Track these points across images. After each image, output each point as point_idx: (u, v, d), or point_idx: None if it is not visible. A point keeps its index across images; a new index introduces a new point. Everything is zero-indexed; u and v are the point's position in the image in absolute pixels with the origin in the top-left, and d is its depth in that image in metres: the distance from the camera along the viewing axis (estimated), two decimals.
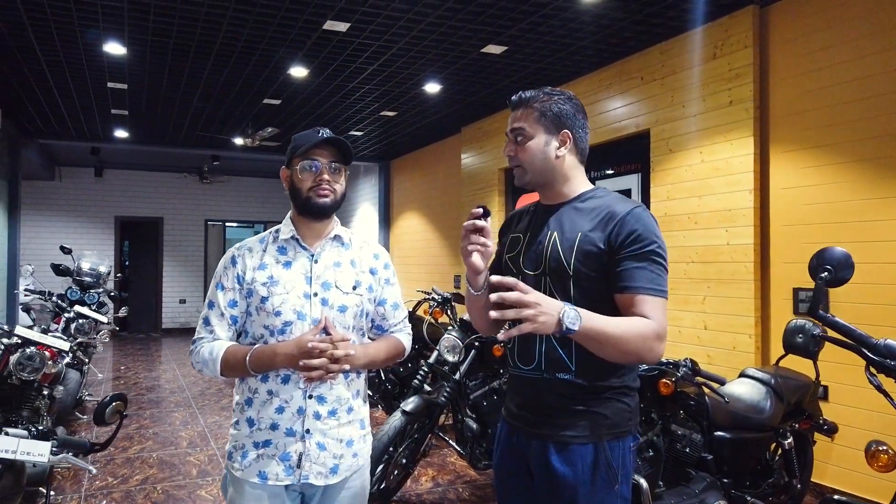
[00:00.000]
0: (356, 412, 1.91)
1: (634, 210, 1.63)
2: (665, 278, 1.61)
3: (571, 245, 1.65)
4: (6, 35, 4.96)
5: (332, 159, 1.86)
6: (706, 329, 4.62)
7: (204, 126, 8.22)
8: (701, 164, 4.68)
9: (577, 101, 1.76)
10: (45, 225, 11.90)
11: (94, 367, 8.37)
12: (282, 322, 1.81)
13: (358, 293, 1.91)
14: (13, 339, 3.65)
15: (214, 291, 1.89)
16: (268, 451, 1.81)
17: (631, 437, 1.68)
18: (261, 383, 1.83)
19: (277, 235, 1.93)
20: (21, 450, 1.54)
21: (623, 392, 1.67)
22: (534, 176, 1.74)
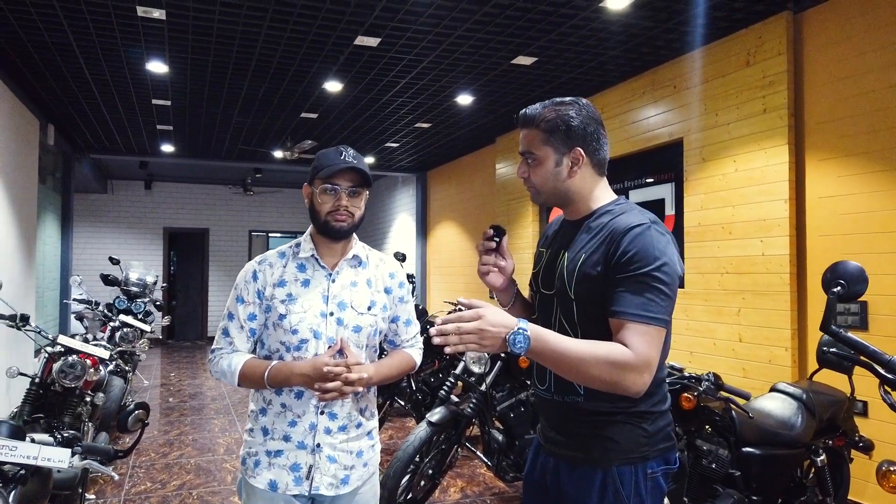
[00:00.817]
0: (365, 426, 1.97)
1: (634, 229, 1.51)
2: (662, 303, 1.48)
3: (574, 268, 1.61)
4: (56, 55, 5.20)
5: (351, 184, 1.89)
6: (741, 342, 4.51)
7: (245, 140, 8.44)
8: (735, 173, 4.60)
9: (589, 110, 1.64)
10: (97, 236, 12.36)
11: (140, 375, 8.66)
12: (298, 339, 1.87)
13: (372, 313, 1.95)
14: (56, 347, 3.81)
15: (234, 304, 1.94)
16: (279, 461, 1.86)
17: (651, 463, 1.58)
18: (275, 395, 1.89)
19: (297, 251, 1.97)
20: (42, 456, 1.61)
21: (639, 416, 1.57)
22: (548, 197, 1.69)
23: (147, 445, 5.51)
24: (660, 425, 1.61)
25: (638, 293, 1.47)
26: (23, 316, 3.79)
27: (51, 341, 3.85)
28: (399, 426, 6.00)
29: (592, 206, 1.68)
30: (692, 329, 4.94)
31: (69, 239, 8.97)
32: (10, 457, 1.59)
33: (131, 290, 7.59)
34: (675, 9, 4.23)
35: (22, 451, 1.60)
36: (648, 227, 1.53)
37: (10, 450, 1.59)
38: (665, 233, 1.56)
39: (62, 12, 4.32)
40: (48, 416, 3.73)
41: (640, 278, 1.48)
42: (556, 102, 1.65)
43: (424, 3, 4.17)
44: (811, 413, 3.09)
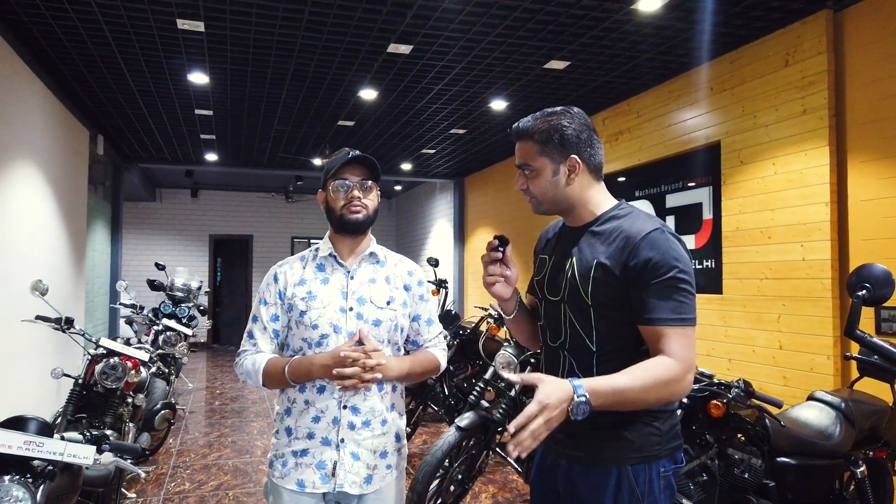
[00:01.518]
0: (390, 424, 1.97)
1: (650, 234, 1.56)
2: (690, 303, 1.54)
3: (587, 274, 1.62)
4: (103, 68, 5.40)
5: (361, 177, 1.94)
6: (781, 349, 4.39)
7: (285, 148, 8.60)
8: (774, 175, 4.48)
9: (581, 118, 1.67)
10: (146, 243, 12.75)
11: (185, 378, 8.88)
12: (319, 335, 1.90)
13: (392, 308, 1.97)
14: (99, 349, 3.95)
15: (258, 306, 2.00)
16: (305, 460, 1.88)
17: (663, 462, 1.61)
18: (298, 393, 1.92)
19: (317, 253, 2.02)
20: (68, 452, 1.68)
21: (652, 416, 1.60)
22: (549, 206, 1.72)
23: (188, 447, 5.65)
24: (671, 423, 1.64)
25: (667, 297, 1.52)
26: (67, 319, 3.95)
27: (93, 343, 3.99)
28: (433, 431, 6.01)
29: (595, 211, 1.70)
30: (731, 336, 4.83)
31: (118, 246, 9.28)
32: (38, 452, 1.66)
33: (176, 295, 7.81)
34: (710, 9, 4.16)
35: (49, 447, 1.67)
36: (662, 231, 1.58)
37: (38, 446, 1.66)
38: (674, 234, 1.62)
39: (107, 27, 4.49)
40: (90, 416, 3.86)
41: (665, 283, 1.53)
42: (547, 113, 1.68)
43: (454, 10, 4.20)
44: (850, 422, 2.98)
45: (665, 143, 5.58)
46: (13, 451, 1.64)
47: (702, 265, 5.22)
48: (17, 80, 4.74)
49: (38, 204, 5.29)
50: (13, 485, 1.65)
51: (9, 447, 1.63)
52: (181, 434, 6.09)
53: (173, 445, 5.65)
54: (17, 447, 1.64)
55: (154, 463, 5.09)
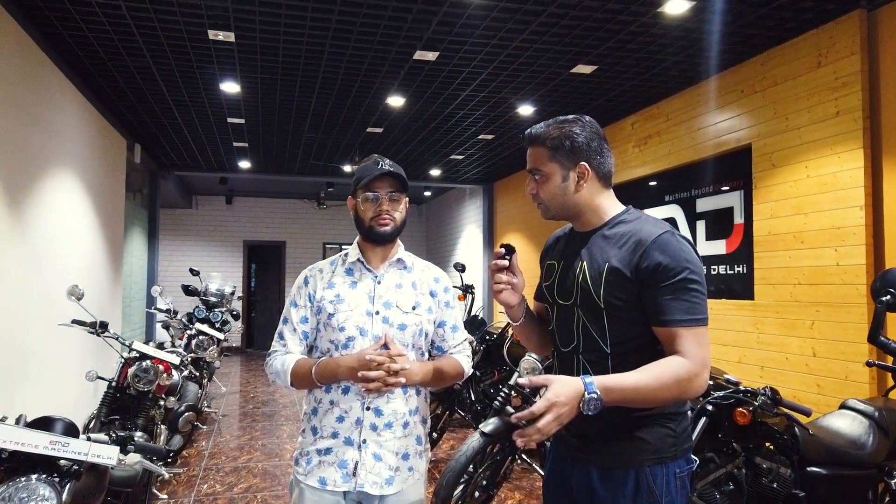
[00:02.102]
0: (412, 427, 2.00)
1: (661, 237, 1.59)
2: (701, 303, 1.57)
3: (599, 276, 1.64)
4: (138, 79, 5.55)
5: (390, 190, 1.99)
6: (815, 356, 4.29)
7: (316, 155, 8.71)
8: (807, 179, 4.39)
9: (592, 127, 1.71)
10: (182, 249, 13.02)
11: (218, 382, 9.03)
12: (345, 337, 1.96)
13: (417, 313, 2.01)
14: (131, 353, 4.05)
15: (288, 309, 2.07)
16: (328, 459, 1.93)
17: (678, 462, 1.63)
18: (325, 394, 1.97)
19: (346, 258, 2.09)
20: (92, 452, 1.72)
21: (667, 417, 1.63)
22: (557, 211, 1.75)
23: (220, 449, 5.74)
24: (684, 426, 1.67)
25: (679, 299, 1.55)
26: (102, 323, 4.05)
27: (126, 347, 4.09)
28: (461, 436, 6.00)
29: (603, 216, 1.73)
30: (763, 343, 4.73)
31: (155, 252, 9.49)
32: (63, 452, 1.71)
33: (210, 300, 7.96)
34: (739, 11, 4.10)
35: (73, 447, 1.72)
36: (672, 233, 1.62)
37: (63, 445, 1.71)
38: (683, 237, 1.65)
39: (141, 39, 4.62)
40: (123, 418, 3.96)
41: (677, 285, 1.56)
42: (560, 120, 1.72)
43: (479, 16, 4.21)
44: (884, 432, 2.90)
45: (695, 146, 5.50)
46: (39, 451, 1.69)
47: (733, 270, 5.13)
48: (56, 91, 4.90)
49: (77, 211, 5.45)
50: (40, 483, 1.70)
51: (35, 447, 1.68)
52: (213, 437, 6.19)
53: (205, 448, 5.75)
54: (42, 447, 1.69)
55: (186, 465, 5.18)
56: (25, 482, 1.68)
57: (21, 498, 1.66)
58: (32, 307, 4.32)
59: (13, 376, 3.96)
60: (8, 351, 3.89)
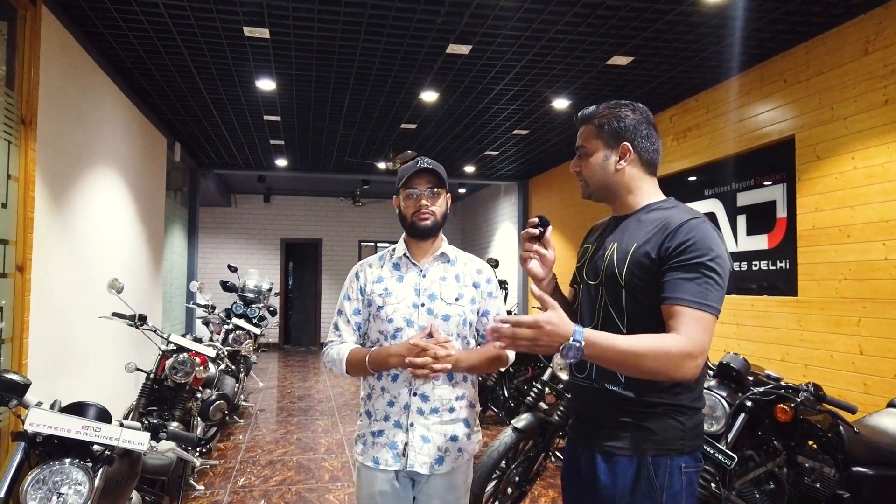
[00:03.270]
0: (458, 412, 2.10)
1: (690, 221, 1.58)
2: (715, 293, 1.52)
3: (625, 256, 1.65)
4: (177, 77, 5.65)
5: (429, 185, 2.12)
6: (862, 354, 4.13)
7: (351, 152, 8.76)
8: (853, 171, 4.23)
9: (643, 113, 1.74)
10: (221, 247, 13.24)
11: (255, 377, 9.15)
12: (394, 328, 2.09)
13: (460, 304, 2.13)
14: (169, 345, 4.12)
15: (342, 301, 2.22)
16: (380, 440, 2.08)
17: (685, 458, 1.61)
18: (377, 381, 2.11)
19: (393, 254, 2.23)
20: (123, 438, 1.75)
21: (677, 409, 1.61)
22: (595, 189, 1.78)
23: (257, 442, 5.81)
24: (696, 421, 1.64)
25: (693, 281, 1.52)
26: (140, 316, 4.13)
27: (164, 339, 4.16)
28: (494, 433, 5.95)
29: (640, 202, 1.74)
30: (807, 340, 4.58)
31: (195, 249, 9.67)
32: (95, 437, 1.74)
33: (247, 296, 8.06)
34: None
35: (105, 432, 1.74)
36: (703, 220, 1.61)
37: (95, 431, 1.74)
38: (716, 229, 1.62)
39: (179, 36, 4.69)
40: (161, 409, 4.02)
41: (696, 267, 1.53)
42: (612, 103, 1.76)
43: (512, 7, 4.17)
44: None
45: (736, 139, 5.36)
46: (72, 435, 1.72)
47: (775, 266, 4.98)
48: (100, 90, 5.01)
49: (119, 208, 5.57)
50: (73, 468, 1.72)
51: (68, 431, 1.71)
52: (251, 430, 6.28)
53: (242, 441, 5.83)
54: (75, 431, 1.72)
55: (223, 457, 5.26)
56: (59, 466, 1.71)
57: (55, 481, 1.69)
58: (75, 300, 4.43)
59: (55, 366, 4.06)
60: (50, 342, 3.99)
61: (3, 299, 3.46)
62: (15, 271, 3.57)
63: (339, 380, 9.46)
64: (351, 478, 4.82)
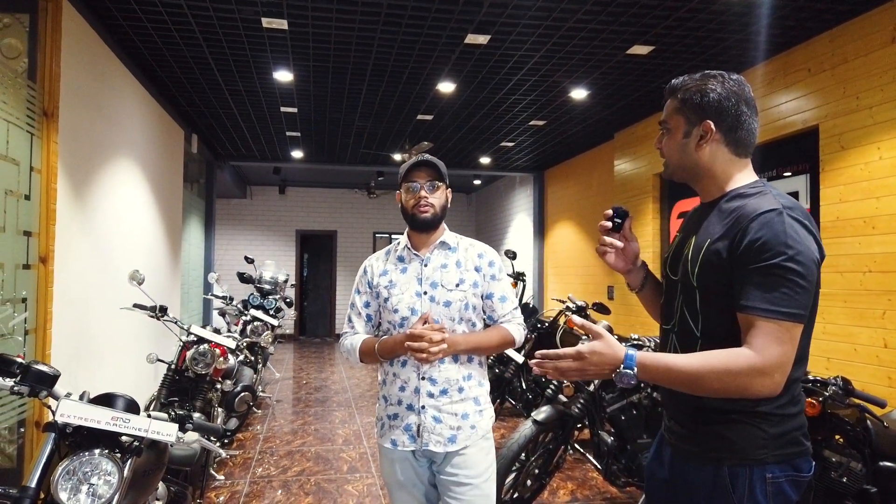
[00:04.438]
0: (467, 391, 2.21)
1: (765, 214, 1.42)
2: (794, 296, 1.38)
3: (698, 254, 1.54)
4: (195, 69, 5.66)
5: (428, 179, 2.23)
6: (886, 347, 4.08)
7: (367, 144, 8.75)
8: (879, 161, 4.16)
9: (735, 85, 1.56)
10: (237, 238, 13.31)
11: (272, 368, 9.21)
12: (400, 317, 2.22)
13: (461, 289, 2.22)
14: (190, 336, 4.14)
15: (354, 295, 2.37)
16: (396, 423, 2.21)
17: (772, 468, 1.47)
18: (389, 367, 2.25)
19: (398, 247, 2.35)
20: (152, 429, 1.76)
21: (759, 417, 1.47)
22: (674, 169, 1.66)
23: (275, 433, 5.85)
24: (786, 428, 1.49)
25: (767, 286, 1.39)
26: (161, 307, 4.16)
27: (185, 331, 4.18)
28: (511, 425, 5.96)
29: (724, 187, 1.59)
30: (829, 333, 4.53)
31: (212, 240, 9.71)
32: (124, 428, 1.74)
33: (264, 287, 8.10)
34: None
35: (134, 423, 1.75)
36: (780, 212, 1.43)
37: (125, 422, 1.75)
38: (802, 218, 1.45)
39: (197, 28, 4.69)
40: (182, 400, 4.05)
41: (769, 269, 1.39)
42: (703, 74, 1.60)
43: None
44: None
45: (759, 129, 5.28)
46: (102, 426, 1.73)
47: None
48: (119, 82, 5.03)
49: (138, 199, 5.61)
50: (103, 458, 1.73)
51: (97, 422, 1.72)
52: (268, 421, 6.31)
53: (260, 432, 5.86)
54: (105, 422, 1.73)
55: (242, 447, 5.30)
56: (89, 457, 1.72)
57: (84, 472, 1.70)
58: (96, 291, 4.46)
59: (77, 357, 4.10)
60: (73, 333, 4.02)
61: (27, 290, 3.50)
62: (38, 263, 3.59)
63: (355, 370, 9.50)
64: (370, 469, 4.84)
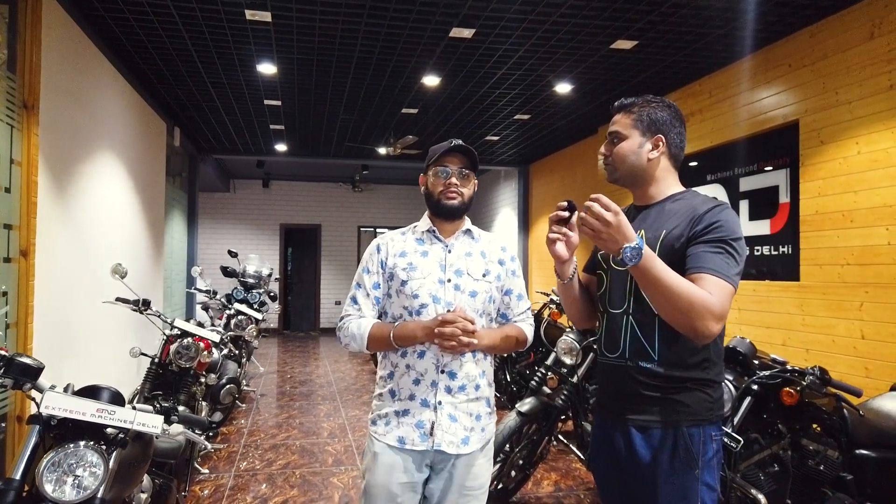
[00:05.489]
0: (482, 390, 2.08)
1: (717, 207, 1.70)
2: (735, 269, 1.62)
3: (655, 242, 1.74)
4: (177, 61, 5.61)
5: (461, 166, 2.08)
6: (863, 339, 4.15)
7: (351, 137, 8.73)
8: (857, 155, 4.23)
9: (676, 109, 1.86)
10: (220, 232, 13.22)
11: (256, 362, 9.17)
12: (419, 304, 2.03)
13: (487, 280, 2.09)
14: (173, 330, 4.12)
15: (361, 275, 2.14)
16: (406, 419, 2.01)
17: (714, 427, 1.72)
18: (400, 358, 2.05)
19: (416, 228, 2.17)
20: (137, 420, 1.75)
21: (706, 383, 1.72)
22: (623, 173, 1.86)
23: (259, 427, 5.84)
24: (720, 393, 1.76)
25: (718, 254, 1.62)
26: (144, 301, 4.13)
27: (168, 324, 4.16)
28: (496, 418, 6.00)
29: (663, 193, 1.85)
30: (808, 325, 4.60)
31: (195, 234, 9.65)
32: (110, 420, 1.74)
33: (248, 281, 8.06)
34: None
35: (119, 415, 1.75)
36: (728, 207, 1.74)
37: (110, 414, 1.74)
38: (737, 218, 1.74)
39: (180, 20, 4.65)
40: (166, 394, 4.03)
41: (720, 244, 1.63)
42: (650, 98, 1.86)
43: None
44: None
45: (739, 123, 5.35)
46: (87, 418, 1.73)
47: (777, 251, 4.99)
48: (100, 75, 4.98)
49: (120, 192, 5.55)
50: (88, 450, 1.73)
51: (83, 414, 1.71)
52: (252, 415, 6.30)
53: (244, 426, 5.85)
54: (90, 414, 1.73)
55: (226, 441, 5.28)
56: (74, 448, 1.72)
57: (70, 464, 1.70)
58: (78, 284, 4.42)
59: (60, 351, 4.07)
60: (55, 326, 3.99)
61: (8, 284, 3.46)
62: (19, 256, 3.56)
63: (340, 364, 9.49)
64: (355, 461, 4.84)
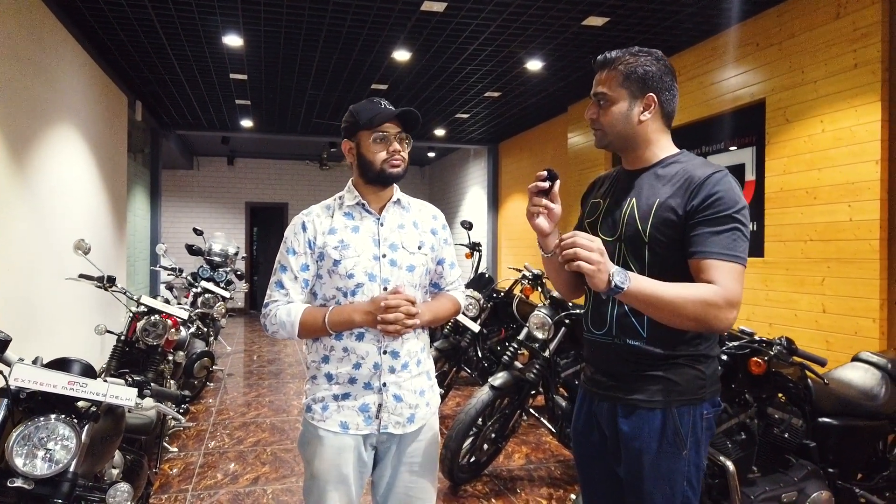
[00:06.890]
0: (423, 364, 2.00)
1: (715, 174, 1.58)
2: (742, 244, 1.55)
3: (648, 212, 1.63)
4: (140, 34, 5.43)
5: (399, 129, 1.92)
6: (825, 312, 4.28)
7: (319, 113, 8.60)
8: (822, 133, 4.32)
9: (666, 63, 1.68)
10: (184, 210, 12.96)
11: (223, 341, 9.07)
12: (354, 284, 1.89)
13: (423, 253, 1.98)
14: (140, 307, 4.04)
15: (286, 256, 1.94)
16: (347, 403, 1.89)
17: (706, 405, 1.66)
18: (335, 341, 1.90)
19: (342, 202, 1.99)
20: (110, 393, 1.71)
21: (697, 359, 1.64)
22: (614, 139, 1.71)
23: (227, 405, 5.78)
24: (713, 368, 1.69)
25: (722, 234, 1.53)
26: (109, 277, 4.03)
27: (135, 301, 4.07)
28: (467, 394, 6.04)
29: (657, 155, 1.71)
30: (772, 299, 4.72)
31: (158, 211, 9.44)
32: (82, 392, 1.70)
33: (214, 259, 7.94)
34: None
35: (92, 388, 1.71)
36: (727, 174, 1.61)
37: (82, 386, 1.70)
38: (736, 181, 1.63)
39: None
40: (133, 371, 3.95)
41: (724, 220, 1.54)
42: (637, 49, 1.69)
43: None
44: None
45: (707, 102, 5.41)
46: (58, 391, 1.68)
47: None
48: (58, 44, 4.80)
49: (80, 166, 5.39)
50: (59, 423, 1.69)
51: (53, 386, 1.67)
52: (220, 394, 6.23)
53: (213, 405, 5.79)
54: (61, 387, 1.68)
55: (195, 420, 5.22)
56: (45, 422, 1.67)
57: (41, 437, 1.66)
58: (39, 261, 4.30)
59: (23, 329, 3.96)
60: (16, 304, 3.88)
61: None
62: None
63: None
64: None
